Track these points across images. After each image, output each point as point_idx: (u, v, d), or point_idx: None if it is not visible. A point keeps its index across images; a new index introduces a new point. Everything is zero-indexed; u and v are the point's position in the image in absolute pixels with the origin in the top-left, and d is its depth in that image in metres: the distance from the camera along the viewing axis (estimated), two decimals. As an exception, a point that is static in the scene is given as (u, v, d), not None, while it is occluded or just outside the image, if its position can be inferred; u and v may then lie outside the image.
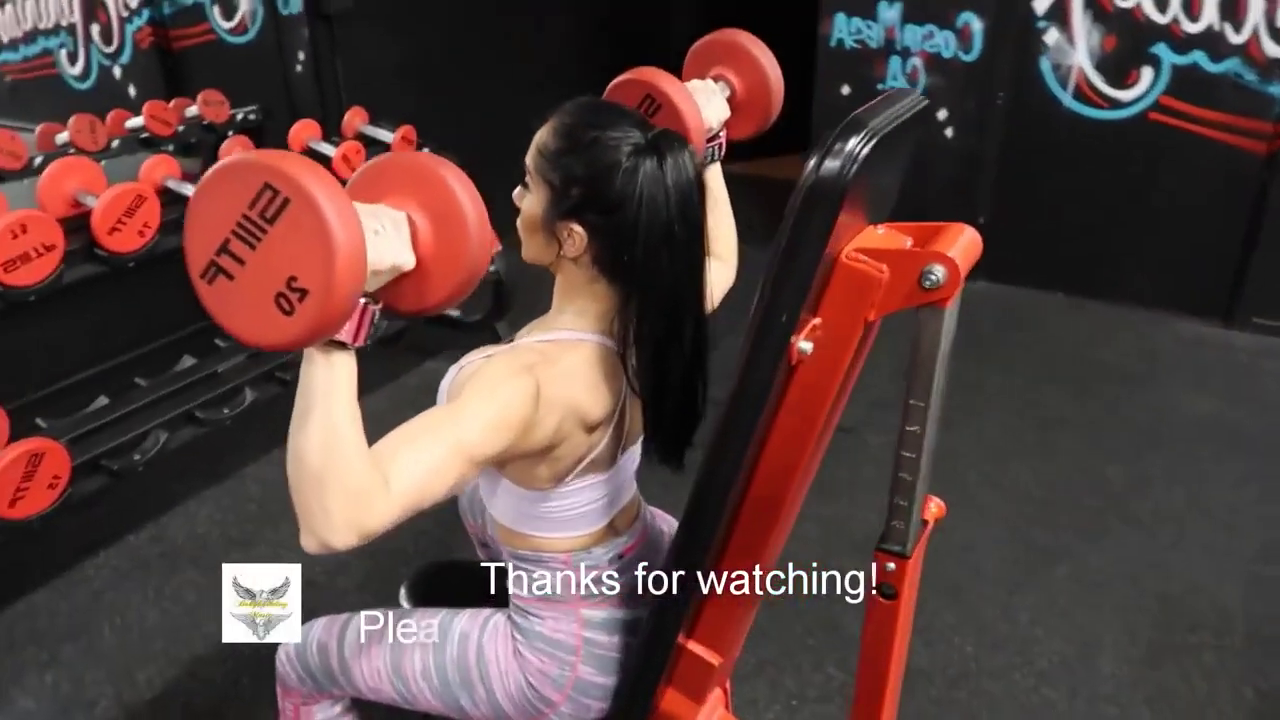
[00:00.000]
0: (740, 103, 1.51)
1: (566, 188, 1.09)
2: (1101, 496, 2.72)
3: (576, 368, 1.13)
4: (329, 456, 0.89)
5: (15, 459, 1.92)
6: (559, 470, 1.17)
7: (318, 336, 0.85)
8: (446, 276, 0.95)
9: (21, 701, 2.01)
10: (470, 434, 1.00)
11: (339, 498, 0.89)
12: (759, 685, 2.06)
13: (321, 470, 0.89)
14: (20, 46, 7.01)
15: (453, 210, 0.93)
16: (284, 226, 0.79)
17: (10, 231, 2.08)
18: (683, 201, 1.08)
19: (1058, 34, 3.90)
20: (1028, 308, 4.01)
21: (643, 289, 1.10)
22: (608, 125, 1.08)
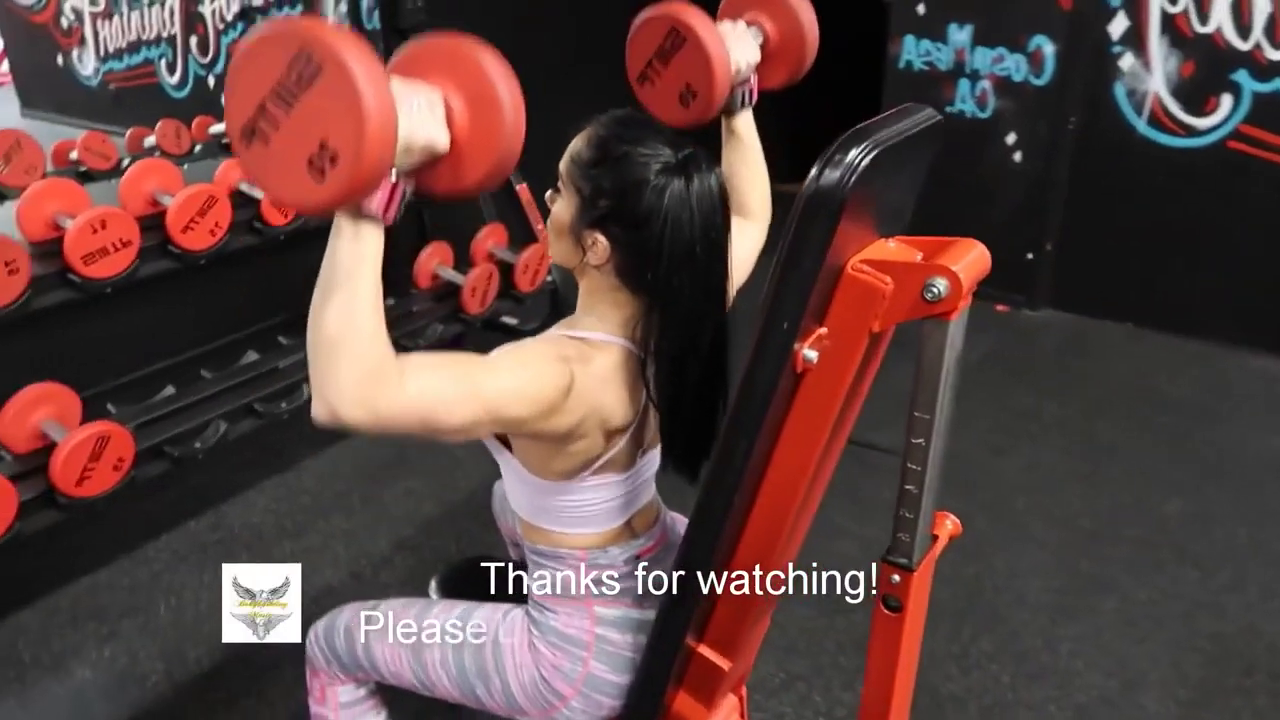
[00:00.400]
0: (773, 50, 1.45)
1: (595, 198, 1.13)
2: (1157, 530, 2.64)
3: (608, 373, 1.16)
4: (348, 327, 0.92)
5: (84, 440, 2.03)
6: (572, 466, 1.20)
7: (347, 200, 0.88)
8: (480, 159, 0.95)
9: (80, 672, 2.12)
10: (494, 387, 1.03)
11: (353, 368, 0.92)
12: (787, 700, 2.05)
13: (339, 338, 0.92)
14: (125, 56, 7.39)
15: (488, 93, 0.93)
16: (317, 92, 0.82)
17: (90, 226, 2.21)
18: (706, 222, 1.11)
19: (1133, 59, 3.82)
20: (1093, 337, 3.92)
21: (663, 305, 1.12)
22: (639, 141, 1.12)
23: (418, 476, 2.81)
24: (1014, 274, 4.21)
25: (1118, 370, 3.64)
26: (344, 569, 2.44)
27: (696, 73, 1.31)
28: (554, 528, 1.28)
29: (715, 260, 1.13)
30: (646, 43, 1.35)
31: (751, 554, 1.18)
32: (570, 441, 1.16)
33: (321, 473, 2.83)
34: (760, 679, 2.09)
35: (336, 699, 1.47)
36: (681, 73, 1.33)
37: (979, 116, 4.14)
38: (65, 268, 2.22)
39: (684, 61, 1.30)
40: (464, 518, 2.64)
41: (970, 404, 3.30)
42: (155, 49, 7.13)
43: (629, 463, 1.26)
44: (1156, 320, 3.98)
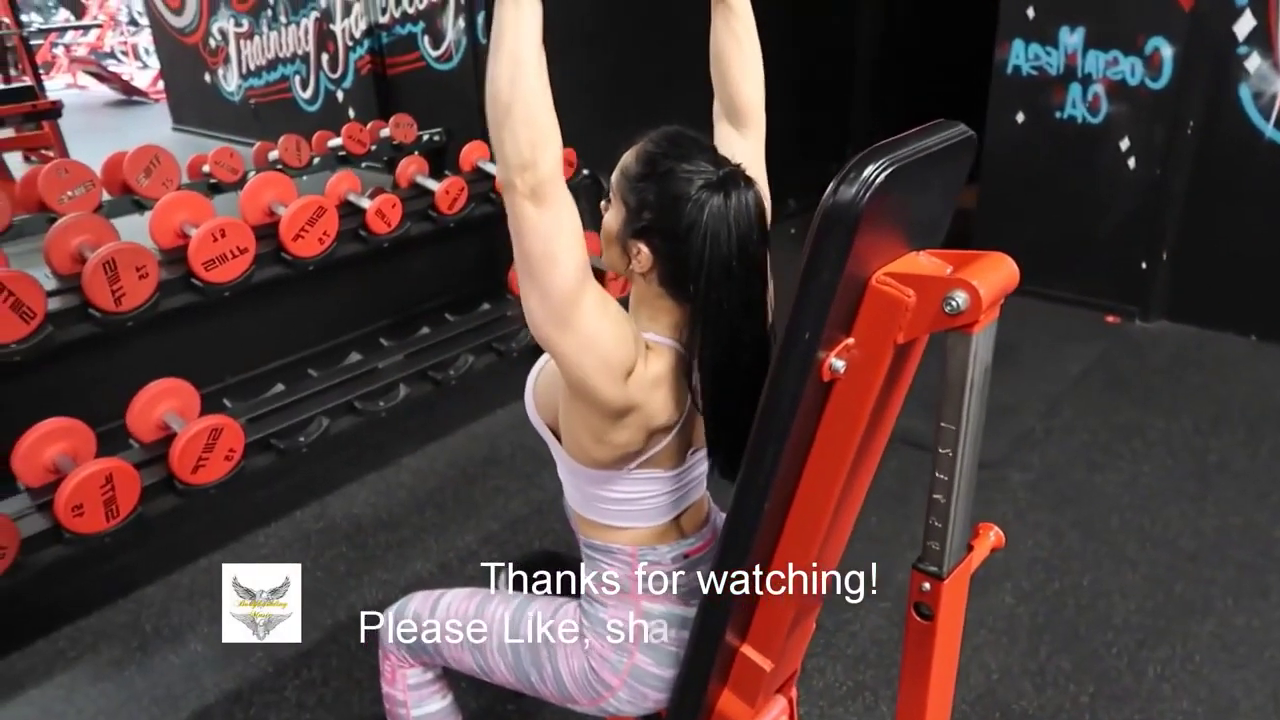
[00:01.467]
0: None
1: (640, 210, 1.18)
2: (1262, 554, 2.52)
3: (659, 375, 1.21)
4: (515, 86, 1.00)
5: (198, 432, 2.21)
6: (613, 457, 1.24)
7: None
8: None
9: (193, 645, 2.30)
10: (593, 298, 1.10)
11: (524, 126, 1.00)
12: (853, 708, 2.06)
13: (510, 100, 1.00)
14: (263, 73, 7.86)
15: None
16: None
17: (211, 235, 2.40)
18: (743, 237, 1.14)
19: (1260, 59, 3.63)
20: (1209, 350, 3.74)
21: (704, 318, 1.17)
22: (684, 158, 1.17)
23: (507, 475, 2.93)
24: (1126, 283, 4.05)
25: (1236, 385, 3.46)
26: (433, 560, 2.56)
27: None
28: (604, 521, 1.34)
29: (752, 274, 1.17)
30: None
31: (789, 555, 1.21)
32: (614, 428, 1.20)
33: (418, 469, 2.97)
34: (827, 685, 2.11)
35: (405, 680, 1.56)
36: None
37: (1090, 122, 4.00)
38: (189, 273, 2.42)
39: None
40: (549, 516, 2.73)
41: (1069, 417, 3.21)
42: (290, 66, 7.56)
43: (676, 460, 1.30)
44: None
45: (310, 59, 7.32)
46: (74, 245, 2.37)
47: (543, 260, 1.06)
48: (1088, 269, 4.15)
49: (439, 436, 3.12)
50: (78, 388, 2.39)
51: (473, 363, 2.93)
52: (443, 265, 3.15)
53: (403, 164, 3.25)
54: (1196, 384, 3.48)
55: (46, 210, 2.75)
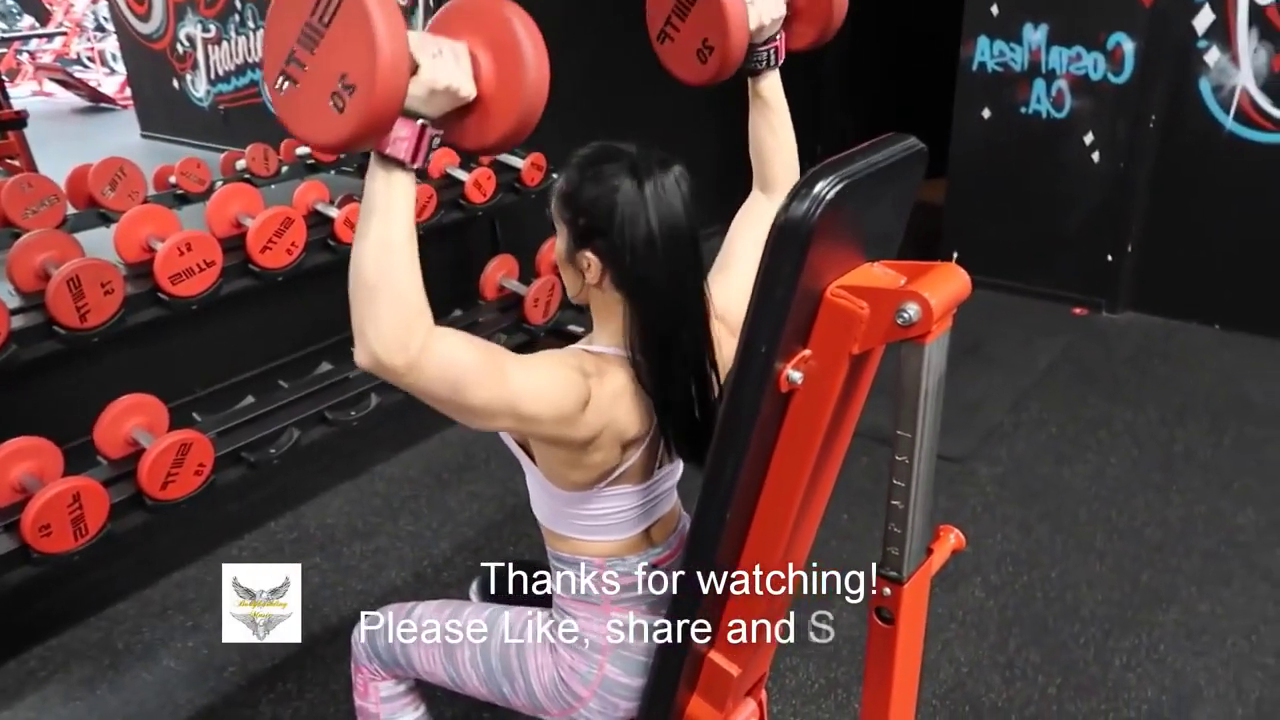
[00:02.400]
0: (801, 7, 1.40)
1: (575, 220, 1.20)
2: (1227, 543, 2.57)
3: (619, 388, 1.23)
4: (382, 270, 0.98)
5: (167, 448, 2.20)
6: (590, 477, 1.27)
7: (367, 133, 0.93)
8: (506, 112, 1.00)
9: (166, 661, 2.29)
10: (520, 379, 1.10)
11: (390, 312, 0.97)
12: (825, 706, 2.08)
13: (376, 284, 0.97)
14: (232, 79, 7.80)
15: (512, 45, 0.98)
16: (338, 27, 0.89)
17: (177, 249, 2.38)
18: (663, 215, 1.16)
19: (1219, 53, 3.69)
20: (1175, 340, 3.80)
21: (634, 297, 1.19)
22: (605, 159, 1.19)
23: (481, 481, 2.93)
24: (1092, 276, 4.11)
25: (1201, 375, 3.52)
26: (408, 569, 2.57)
27: (712, 25, 1.29)
28: (573, 535, 1.35)
29: (680, 249, 1.18)
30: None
31: (753, 561, 1.22)
32: (587, 453, 1.23)
33: (392, 477, 2.97)
34: (800, 684, 2.13)
35: (378, 694, 1.57)
36: (698, 27, 1.32)
37: (1055, 117, 4.05)
38: (155, 287, 2.40)
39: (700, 14, 1.29)
40: (524, 521, 2.73)
41: (1036, 411, 3.26)
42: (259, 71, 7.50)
43: (645, 474, 1.32)
44: (1245, 322, 3.83)
45: (278, 63, 7.26)
46: (38, 262, 2.35)
47: (455, 402, 1.06)
48: (1054, 262, 4.20)
49: (412, 443, 3.12)
50: (43, 406, 2.37)
51: (445, 370, 2.93)
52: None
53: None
54: (1162, 375, 3.54)
55: (10, 226, 2.72)
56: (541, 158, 3.40)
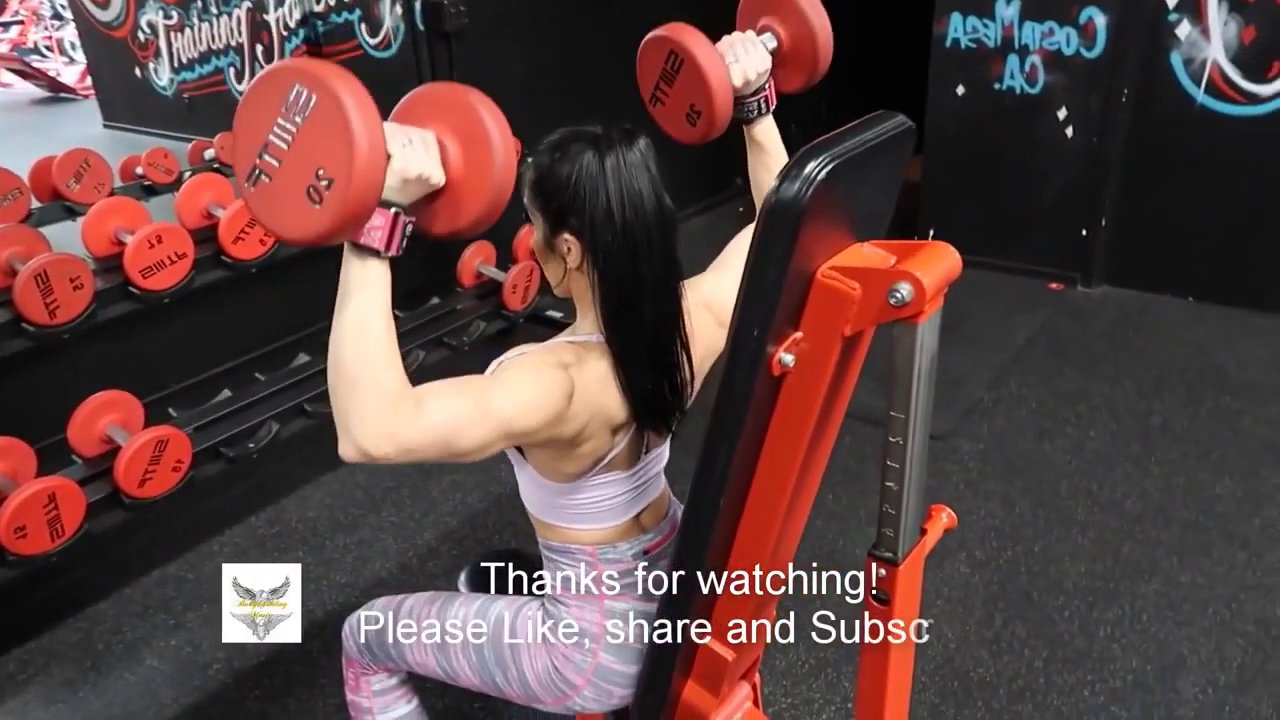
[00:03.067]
0: (786, 54, 1.45)
1: (548, 206, 1.19)
2: (1205, 513, 2.60)
3: (605, 372, 1.21)
4: (362, 360, 0.98)
5: (144, 445, 2.16)
6: (582, 467, 1.26)
7: (345, 225, 0.93)
8: (475, 197, 1.02)
9: (149, 660, 2.26)
10: (504, 405, 1.09)
11: (372, 402, 0.97)
12: (816, 685, 2.09)
13: (356, 373, 0.98)
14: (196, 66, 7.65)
15: (480, 133, 1.00)
16: (313, 122, 0.89)
17: (147, 242, 2.34)
18: (623, 187, 1.15)
19: (1190, 26, 3.71)
20: (1150, 314, 3.83)
21: (596, 266, 1.18)
22: (571, 141, 1.17)
23: (464, 470, 2.91)
24: (1068, 251, 4.13)
25: (1176, 347, 3.56)
26: (393, 560, 2.55)
27: (697, 92, 1.33)
28: (564, 524, 1.34)
29: (642, 220, 1.16)
30: (652, 65, 1.38)
31: (746, 548, 1.22)
32: (579, 444, 1.22)
33: (374, 469, 2.94)
34: (790, 664, 2.13)
35: (370, 687, 1.56)
36: (684, 93, 1.35)
37: (1029, 92, 4.05)
38: (126, 281, 2.35)
39: (685, 81, 1.33)
40: (508, 509, 2.72)
41: (1016, 386, 3.28)
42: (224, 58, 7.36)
43: (632, 459, 1.31)
44: (1218, 294, 3.87)
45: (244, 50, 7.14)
46: (3, 258, 2.29)
47: (450, 453, 1.06)
48: (1030, 237, 4.22)
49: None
50: (14, 405, 2.32)
51: (424, 357, 2.90)
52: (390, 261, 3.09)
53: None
54: (1137, 347, 3.57)
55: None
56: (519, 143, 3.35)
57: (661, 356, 1.24)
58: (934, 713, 2.01)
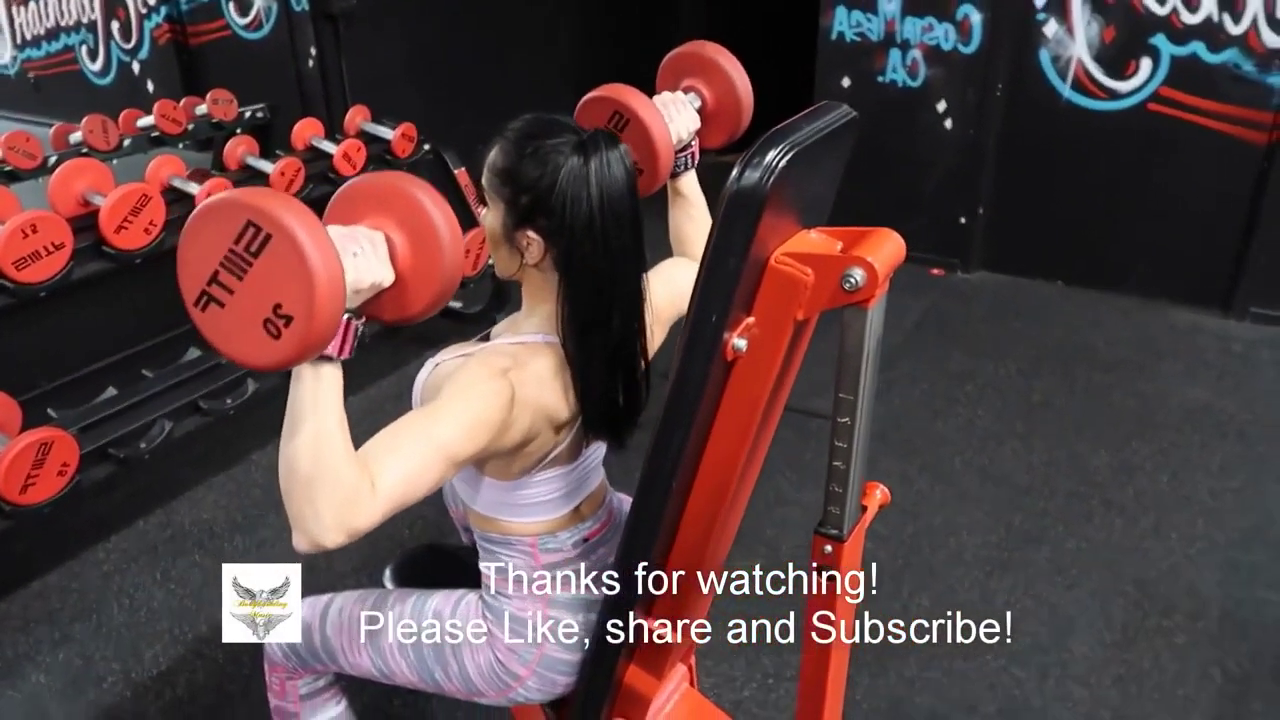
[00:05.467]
0: (711, 113, 1.54)
1: (516, 197, 1.16)
2: (1086, 483, 2.77)
3: (545, 371, 1.20)
4: (318, 464, 0.96)
5: (25, 448, 2.02)
6: (527, 465, 1.25)
7: (304, 357, 0.92)
8: (424, 288, 1.01)
9: (34, 676, 2.12)
10: (450, 435, 1.07)
11: (328, 500, 0.96)
12: (737, 664, 2.13)
13: (311, 476, 0.96)
14: (43, 44, 7.14)
15: (426, 226, 0.99)
16: (267, 260, 0.87)
17: (21, 231, 2.18)
18: (604, 195, 1.14)
19: (1057, 25, 3.92)
20: (1026, 297, 4.05)
21: (568, 275, 1.17)
22: (546, 135, 1.16)
23: (369, 465, 2.83)
24: (948, 238, 4.31)
25: (1050, 329, 3.77)
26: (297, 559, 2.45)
27: (641, 150, 1.36)
28: (504, 518, 1.32)
29: (619, 230, 1.16)
30: (595, 121, 1.39)
31: (693, 533, 1.23)
32: (524, 444, 1.20)
33: (270, 466, 2.80)
34: (711, 645, 2.16)
35: (296, 691, 1.51)
36: None
37: (910, 85, 4.21)
38: (-3, 273, 2.19)
39: (629, 140, 1.35)
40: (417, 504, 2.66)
41: (908, 367, 3.41)
42: (75, 35, 6.90)
43: (574, 454, 1.31)
44: (1086, 279, 4.12)
45: (99, 27, 6.71)
46: None
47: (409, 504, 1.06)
48: (913, 225, 4.37)
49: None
50: (-126, 409, 2.13)
51: (322, 351, 2.81)
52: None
53: (230, 145, 3.03)
54: (1016, 329, 3.77)
55: None
56: (412, 128, 3.28)
57: (624, 369, 1.24)
58: (850, 683, 2.07)
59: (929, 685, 2.08)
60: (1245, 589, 2.36)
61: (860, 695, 2.05)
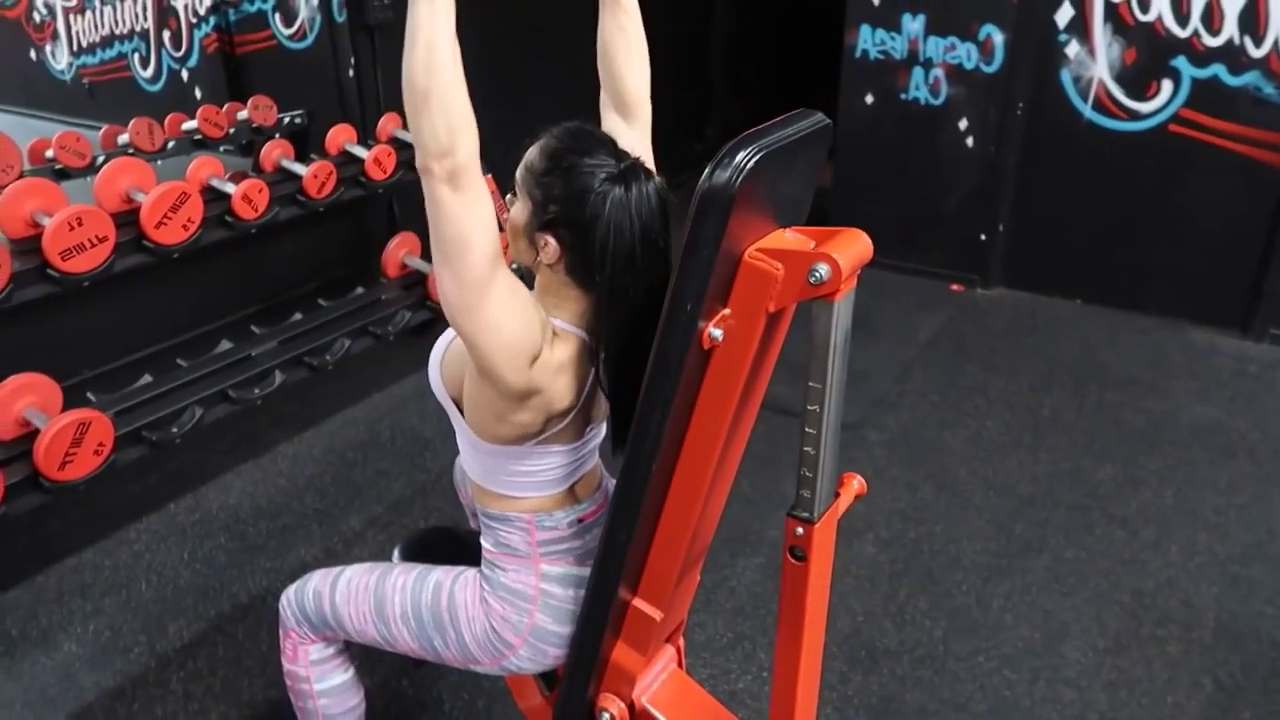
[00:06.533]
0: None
1: (545, 203, 1.25)
2: (1089, 495, 2.80)
3: (563, 362, 1.28)
4: (431, 71, 1.05)
5: (65, 427, 2.14)
6: (514, 434, 1.31)
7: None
8: None
9: (66, 645, 2.24)
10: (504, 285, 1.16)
11: (439, 115, 1.05)
12: (734, 657, 2.20)
13: (427, 87, 1.05)
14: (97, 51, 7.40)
15: None
16: None
17: (68, 224, 2.31)
18: (645, 229, 1.22)
19: (1078, 46, 3.96)
20: (1043, 315, 4.08)
21: (610, 304, 1.24)
22: (587, 152, 1.23)
23: (388, 459, 2.94)
24: (968, 254, 4.36)
25: (1065, 346, 3.80)
26: (317, 546, 2.56)
27: None
28: (503, 491, 1.40)
29: (655, 261, 1.24)
30: None
31: (675, 512, 1.31)
32: (516, 410, 1.27)
33: (295, 456, 2.95)
34: (709, 638, 2.24)
35: (307, 657, 1.60)
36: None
37: (932, 104, 4.27)
38: (44, 263, 2.32)
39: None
40: (433, 495, 2.76)
41: (920, 380, 3.46)
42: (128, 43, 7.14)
43: (574, 436, 1.38)
44: (1103, 297, 4.14)
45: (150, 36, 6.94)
46: (-88, 237, 2.25)
47: (457, 244, 1.12)
48: (933, 241, 4.44)
49: (315, 423, 3.10)
50: (-73, 387, 2.27)
51: (349, 347, 2.92)
52: (313, 250, 3.10)
53: (266, 148, 3.17)
54: (1030, 345, 3.80)
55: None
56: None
57: None
58: (843, 679, 2.14)
59: (920, 684, 2.13)
60: (1243, 603, 2.38)
61: (852, 691, 2.11)
